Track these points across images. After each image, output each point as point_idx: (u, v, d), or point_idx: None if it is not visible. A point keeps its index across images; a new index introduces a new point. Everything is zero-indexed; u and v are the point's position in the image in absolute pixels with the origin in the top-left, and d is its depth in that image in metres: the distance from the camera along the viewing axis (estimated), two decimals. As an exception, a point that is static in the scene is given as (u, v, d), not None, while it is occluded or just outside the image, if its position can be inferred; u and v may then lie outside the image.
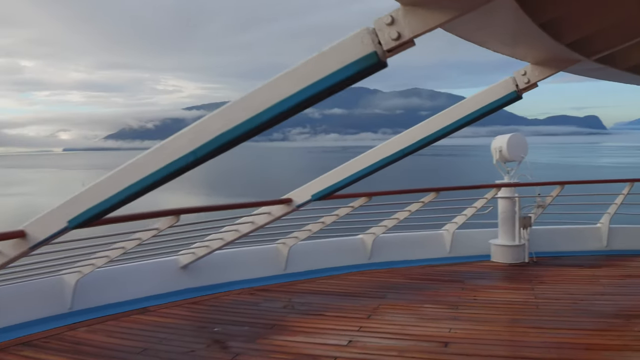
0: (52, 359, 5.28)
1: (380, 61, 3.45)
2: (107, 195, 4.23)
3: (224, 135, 3.83)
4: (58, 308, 6.46)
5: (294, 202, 6.84)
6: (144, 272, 7.26)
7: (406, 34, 3.41)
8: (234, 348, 5.52)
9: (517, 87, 5.41)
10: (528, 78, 5.37)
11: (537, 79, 5.45)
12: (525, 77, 5.38)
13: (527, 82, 5.35)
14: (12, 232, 4.64)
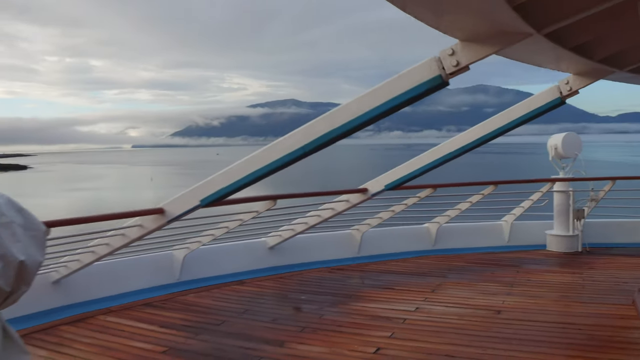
0: (170, 314, 6.54)
1: (444, 82, 4.60)
2: (235, 178, 5.45)
3: (326, 134, 4.99)
4: (169, 278, 7.74)
5: (369, 191, 7.95)
6: (239, 251, 8.50)
7: (463, 62, 4.51)
8: (320, 310, 6.64)
9: (560, 93, 6.34)
10: (570, 86, 6.29)
11: (578, 87, 6.31)
12: (567, 86, 6.30)
13: (569, 90, 6.27)
14: (153, 209, 5.93)
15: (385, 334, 5.73)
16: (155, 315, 6.54)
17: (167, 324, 6.19)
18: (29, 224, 3.58)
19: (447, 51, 4.58)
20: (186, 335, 5.83)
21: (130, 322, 6.26)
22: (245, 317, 6.47)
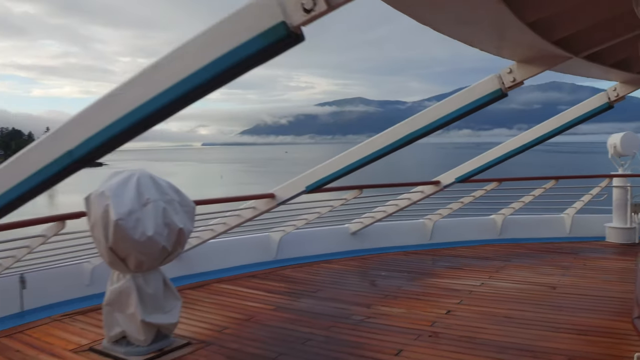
0: (273, 284, 7.86)
1: (503, 94, 5.74)
2: (335, 169, 6.74)
3: (408, 135, 6.19)
4: (267, 256, 9.08)
5: (442, 183, 9.07)
6: (326, 235, 9.78)
7: (518, 78, 5.63)
8: (399, 283, 7.83)
9: (609, 99, 7.15)
10: (617, 93, 6.99)
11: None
12: (615, 92, 7.01)
13: (617, 96, 7.03)
14: (266, 193, 7.29)
15: (454, 301, 6.88)
16: (260, 284, 7.87)
17: (271, 290, 7.51)
18: (184, 202, 5.03)
19: (506, 70, 5.71)
20: (289, 298, 7.14)
21: (241, 288, 7.61)
22: (335, 287, 7.72)
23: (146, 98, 3.75)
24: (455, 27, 5.05)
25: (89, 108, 4.14)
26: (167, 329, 5.42)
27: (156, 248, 5.08)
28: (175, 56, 3.85)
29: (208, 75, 3.63)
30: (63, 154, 4.19)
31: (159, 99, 3.75)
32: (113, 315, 5.28)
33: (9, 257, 6.09)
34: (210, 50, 3.59)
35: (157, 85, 3.77)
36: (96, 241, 5.14)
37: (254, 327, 6.10)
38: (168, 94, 3.74)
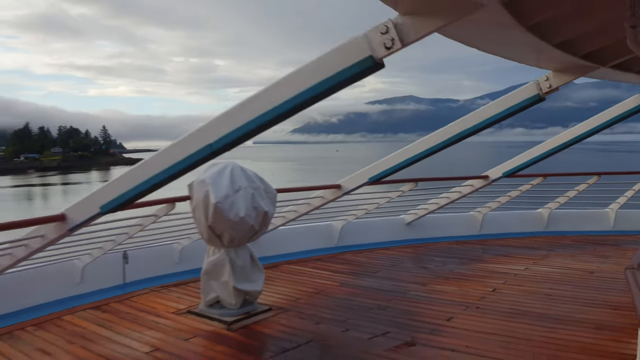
0: (337, 265, 8.82)
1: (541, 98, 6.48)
2: (393, 163, 7.68)
3: (458, 134, 7.05)
4: (330, 243, 10.05)
5: (490, 178, 9.87)
6: (383, 225, 10.69)
7: (554, 85, 6.46)
8: (450, 267, 8.69)
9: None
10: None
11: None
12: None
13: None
14: (333, 184, 8.28)
15: (500, 281, 7.72)
16: (325, 265, 8.85)
17: (335, 270, 8.49)
18: (268, 189, 6.11)
19: (543, 78, 6.47)
20: (352, 277, 8.10)
21: (309, 269, 8.61)
22: (393, 269, 8.64)
23: (267, 108, 4.84)
24: (496, 47, 6.00)
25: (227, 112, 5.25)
26: (252, 295, 6.45)
27: (246, 227, 6.11)
28: (292, 77, 4.91)
29: (315, 92, 4.71)
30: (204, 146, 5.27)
31: (277, 109, 4.82)
32: (209, 283, 6.34)
33: (122, 234, 7.22)
34: (318, 74, 4.68)
35: (276, 98, 4.86)
36: (197, 221, 6.20)
37: (323, 298, 7.08)
38: (284, 106, 4.80)
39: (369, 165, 8.28)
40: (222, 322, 6.12)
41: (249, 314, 6.34)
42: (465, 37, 5.51)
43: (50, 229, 5.68)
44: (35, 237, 5.74)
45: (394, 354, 5.25)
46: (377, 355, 5.22)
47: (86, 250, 7.21)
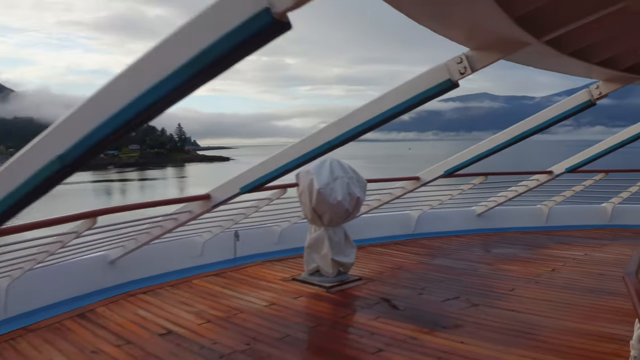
0: (414, 249, 10.03)
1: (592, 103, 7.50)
2: (469, 157, 8.87)
3: (524, 133, 8.16)
4: (407, 230, 11.28)
5: (554, 172, 10.87)
6: (455, 215, 11.84)
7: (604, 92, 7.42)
8: (515, 252, 9.77)
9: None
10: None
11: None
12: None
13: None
14: (412, 176, 9.55)
15: (559, 263, 8.78)
16: (404, 248, 10.11)
17: (413, 252, 9.74)
18: (359, 179, 7.56)
19: (594, 86, 7.45)
20: (427, 257, 9.34)
21: (390, 250, 9.88)
22: (464, 252, 9.80)
23: (372, 116, 5.88)
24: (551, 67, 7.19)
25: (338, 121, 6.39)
26: (346, 267, 7.80)
27: (342, 209, 7.46)
28: (391, 94, 5.88)
29: (409, 104, 5.65)
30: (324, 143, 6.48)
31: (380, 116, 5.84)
32: (311, 255, 7.73)
33: (240, 214, 8.70)
34: (410, 92, 5.76)
35: (379, 108, 5.90)
36: (302, 204, 7.60)
37: (403, 272, 8.36)
38: (386, 114, 5.87)
39: (444, 160, 9.48)
40: (321, 287, 7.50)
41: (343, 281, 7.69)
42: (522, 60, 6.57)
43: (197, 206, 7.19)
44: (184, 212, 7.26)
45: (462, 312, 6.47)
46: (448, 312, 6.47)
47: (207, 228, 8.72)
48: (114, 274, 7.67)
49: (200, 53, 3.32)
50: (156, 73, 3.47)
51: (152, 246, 7.93)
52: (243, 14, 3.20)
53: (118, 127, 3.60)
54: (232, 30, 3.23)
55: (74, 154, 3.66)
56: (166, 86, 3.43)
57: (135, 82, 3.55)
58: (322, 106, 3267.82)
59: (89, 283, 7.36)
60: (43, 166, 3.75)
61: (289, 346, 5.55)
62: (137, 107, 3.53)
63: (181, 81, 3.40)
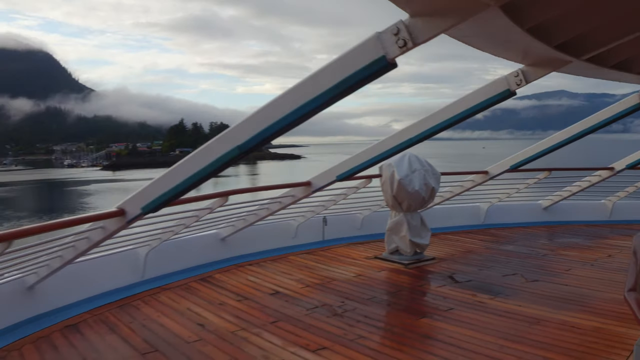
0: (481, 236, 11.09)
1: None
2: (534, 152, 9.92)
3: (584, 131, 9.15)
4: (476, 221, 12.35)
5: (615, 169, 11.70)
6: (522, 208, 12.82)
7: None
8: (576, 241, 10.71)
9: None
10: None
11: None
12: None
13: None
14: (481, 170, 10.64)
15: (616, 251, 9.71)
16: (474, 236, 11.23)
17: (482, 239, 10.85)
18: (434, 171, 8.87)
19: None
20: (495, 243, 10.44)
21: (462, 238, 11.02)
22: (529, 240, 10.82)
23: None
24: None
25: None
26: (422, 247, 9.02)
27: (419, 198, 8.69)
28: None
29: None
30: (406, 139, 7.66)
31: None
32: (391, 237, 8.99)
33: (330, 201, 10.05)
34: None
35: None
36: (384, 192, 8.87)
37: (472, 255, 9.51)
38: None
39: (511, 156, 10.52)
40: (400, 264, 8.76)
41: (419, 260, 8.92)
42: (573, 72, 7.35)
43: (299, 191, 8.57)
44: (288, 196, 8.66)
45: (520, 285, 7.60)
46: (508, 284, 7.61)
47: (301, 213, 10.11)
48: (226, 248, 9.16)
49: (338, 83, 4.72)
50: (309, 93, 4.88)
51: (255, 226, 9.37)
52: (368, 59, 4.59)
53: (280, 128, 5.01)
54: (361, 69, 4.62)
55: (248, 145, 5.12)
56: (315, 102, 4.84)
57: (294, 99, 4.98)
58: (393, 104, 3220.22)
59: (207, 255, 8.88)
60: (225, 153, 5.23)
61: (376, 304, 6.86)
62: (294, 116, 4.94)
63: (324, 100, 4.82)
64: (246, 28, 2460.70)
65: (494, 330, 5.82)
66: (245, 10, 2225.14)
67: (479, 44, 5.87)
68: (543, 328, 5.88)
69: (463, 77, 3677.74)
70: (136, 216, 5.78)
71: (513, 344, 5.40)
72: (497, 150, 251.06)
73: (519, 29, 4.98)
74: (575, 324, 6.01)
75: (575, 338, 5.59)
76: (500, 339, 5.54)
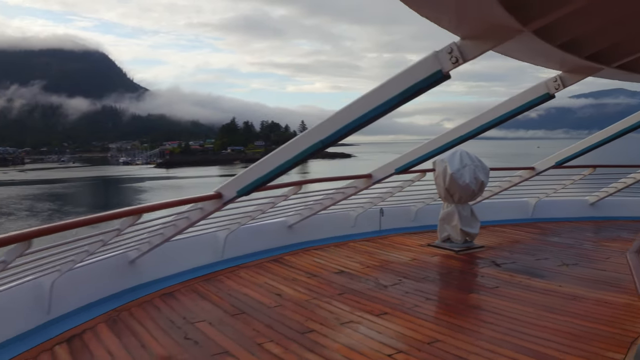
0: (529, 229, 11.78)
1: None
2: (579, 149, 10.60)
3: (624, 130, 9.82)
4: (524, 215, 13.02)
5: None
6: (568, 204, 13.42)
7: None
8: (621, 234, 11.32)
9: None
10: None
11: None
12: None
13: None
14: (528, 166, 11.38)
15: None
16: (520, 229, 11.93)
17: (530, 232, 11.58)
18: (483, 166, 9.75)
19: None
20: (541, 235, 11.17)
21: (510, 230, 11.76)
22: (574, 233, 11.48)
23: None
24: None
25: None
26: (471, 236, 9.85)
27: (469, 190, 9.53)
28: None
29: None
30: (459, 136, 8.64)
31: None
32: (444, 226, 9.85)
33: (387, 193, 10.97)
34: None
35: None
36: (437, 185, 9.74)
37: (519, 245, 10.28)
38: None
39: (557, 152, 11.22)
40: (452, 250, 9.61)
41: (469, 247, 9.75)
42: None
43: (361, 182, 9.51)
44: (350, 187, 9.61)
45: (562, 269, 8.36)
46: (550, 268, 8.39)
47: (360, 204, 11.05)
48: (293, 235, 10.17)
49: (402, 91, 5.86)
50: (378, 99, 6.03)
51: (319, 215, 10.35)
52: (427, 72, 5.75)
53: (355, 126, 6.15)
54: (421, 80, 5.77)
55: (328, 140, 6.29)
56: (383, 107, 5.99)
57: (366, 104, 6.13)
58: (444, 103, 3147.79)
59: (276, 240, 9.92)
60: (310, 145, 6.41)
61: (429, 282, 7.77)
62: (364, 119, 6.10)
63: (390, 105, 5.95)
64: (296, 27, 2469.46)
65: (534, 303, 6.66)
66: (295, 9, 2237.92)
67: (520, 56, 6.84)
68: (579, 303, 6.68)
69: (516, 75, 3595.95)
70: (231, 198, 6.86)
71: (551, 314, 6.24)
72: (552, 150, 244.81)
73: (550, 46, 5.90)
74: (608, 300, 6.78)
75: (607, 311, 6.40)
76: (539, 310, 6.38)
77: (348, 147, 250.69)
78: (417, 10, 5.21)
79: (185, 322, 6.14)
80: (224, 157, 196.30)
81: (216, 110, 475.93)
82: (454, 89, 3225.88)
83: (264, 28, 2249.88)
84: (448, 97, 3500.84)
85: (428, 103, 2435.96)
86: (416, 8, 5.17)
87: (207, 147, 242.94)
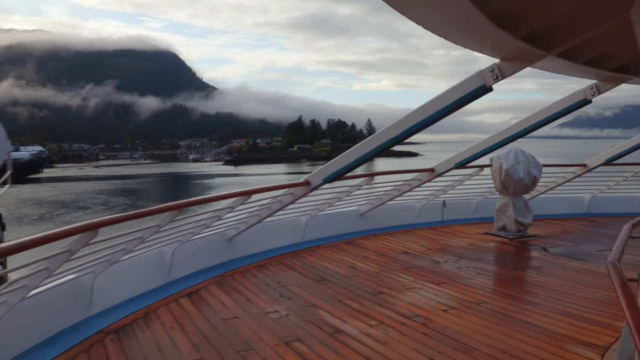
0: (582, 222, 12.70)
1: None
2: (629, 146, 11.47)
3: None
4: (579, 210, 13.90)
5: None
6: (624, 200, 14.19)
7: None
8: None
9: None
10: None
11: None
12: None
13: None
14: (580, 163, 12.33)
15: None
16: (573, 222, 12.82)
17: (582, 224, 12.52)
18: (537, 163, 10.88)
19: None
20: (591, 227, 12.09)
21: (563, 222, 12.71)
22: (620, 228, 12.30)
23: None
24: None
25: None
26: (525, 226, 10.92)
27: (523, 184, 10.62)
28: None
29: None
30: (510, 135, 9.84)
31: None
32: (499, 216, 10.98)
33: (449, 186, 12.15)
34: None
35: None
36: (494, 179, 10.87)
37: (569, 235, 11.28)
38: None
39: (607, 150, 12.11)
40: (506, 238, 10.72)
41: (522, 236, 10.83)
42: None
43: (424, 175, 10.75)
44: (415, 180, 10.87)
45: (605, 256, 9.31)
46: (593, 254, 9.40)
47: (424, 196, 12.27)
48: (364, 222, 11.51)
49: (454, 101, 7.50)
50: (435, 106, 7.70)
51: (387, 205, 11.63)
52: (474, 86, 7.39)
53: (417, 128, 7.76)
54: (468, 92, 7.40)
55: (396, 138, 7.83)
56: (439, 113, 7.63)
57: (426, 110, 7.78)
58: (514, 101, 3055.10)
59: (350, 226, 11.28)
60: (380, 144, 7.86)
61: (484, 262, 8.97)
62: (426, 121, 7.72)
63: (445, 112, 7.56)
64: (363, 25, 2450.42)
65: (574, 279, 7.79)
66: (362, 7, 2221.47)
67: (555, 71, 8.07)
68: (613, 280, 7.74)
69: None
70: (317, 185, 8.29)
71: (585, 286, 7.37)
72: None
73: (575, 64, 7.09)
74: (642, 279, 7.80)
75: (638, 287, 7.43)
76: (575, 283, 7.52)
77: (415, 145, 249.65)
78: (462, 44, 6.77)
79: (279, 285, 7.58)
80: (290, 155, 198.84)
81: (283, 109, 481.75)
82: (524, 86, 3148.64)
83: (330, 26, 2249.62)
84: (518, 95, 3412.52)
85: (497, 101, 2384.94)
86: (462, 43, 6.75)
87: (274, 145, 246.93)
